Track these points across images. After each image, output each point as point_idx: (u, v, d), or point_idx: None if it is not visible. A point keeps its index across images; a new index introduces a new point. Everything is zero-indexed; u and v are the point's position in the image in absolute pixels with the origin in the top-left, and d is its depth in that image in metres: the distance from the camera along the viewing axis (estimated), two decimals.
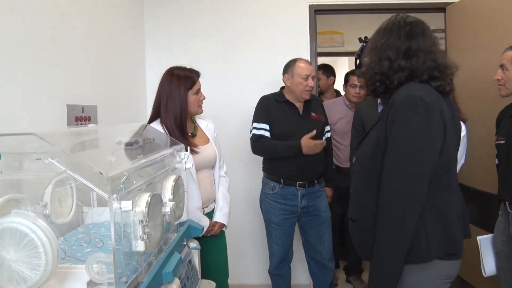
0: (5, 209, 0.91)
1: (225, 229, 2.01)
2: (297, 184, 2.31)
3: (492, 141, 1.91)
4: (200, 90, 1.90)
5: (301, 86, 2.30)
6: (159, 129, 1.81)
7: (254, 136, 2.33)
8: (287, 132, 2.29)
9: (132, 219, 1.02)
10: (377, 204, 1.18)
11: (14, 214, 0.88)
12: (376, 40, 1.28)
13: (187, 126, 1.88)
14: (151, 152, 1.39)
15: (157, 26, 2.99)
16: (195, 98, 1.86)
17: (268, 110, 2.34)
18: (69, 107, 1.83)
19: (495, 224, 1.86)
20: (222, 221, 1.95)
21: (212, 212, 1.96)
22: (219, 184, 1.99)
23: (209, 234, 1.90)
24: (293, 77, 2.32)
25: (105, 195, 0.94)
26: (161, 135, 1.74)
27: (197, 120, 2.00)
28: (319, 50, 3.26)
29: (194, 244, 1.56)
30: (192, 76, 1.86)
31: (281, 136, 2.30)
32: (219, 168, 2.00)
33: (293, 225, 2.41)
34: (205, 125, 2.01)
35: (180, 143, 1.66)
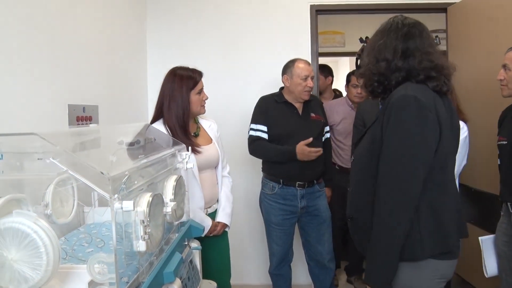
0: (7, 209, 0.91)
1: (228, 229, 2.01)
2: (297, 185, 2.31)
3: (494, 142, 1.90)
4: (203, 90, 1.90)
5: (300, 87, 2.29)
6: (162, 129, 1.81)
7: (251, 138, 2.33)
8: (286, 133, 2.29)
9: (134, 219, 1.02)
10: (374, 202, 1.19)
11: (16, 214, 0.88)
12: (374, 41, 1.29)
13: (190, 126, 1.88)
14: (153, 152, 1.39)
15: (159, 26, 2.99)
16: (198, 98, 1.86)
17: (266, 112, 2.33)
18: (70, 107, 1.83)
19: (497, 225, 1.86)
20: (225, 221, 1.94)
21: (215, 213, 1.96)
22: (222, 184, 1.99)
23: (212, 234, 1.90)
24: (292, 78, 2.31)
25: (107, 195, 0.94)
26: (163, 135, 1.74)
27: (200, 120, 2.00)
28: (320, 50, 3.25)
29: (195, 244, 1.56)
30: (195, 76, 1.86)
31: (280, 137, 2.29)
32: (222, 168, 2.00)
33: (293, 225, 2.41)
34: (208, 125, 2.01)
35: (182, 143, 1.66)
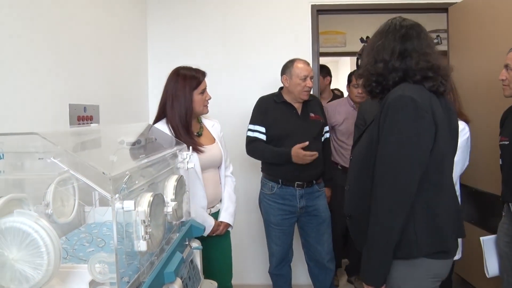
0: (8, 209, 0.91)
1: (231, 229, 2.01)
2: (296, 185, 2.30)
3: (496, 142, 1.90)
4: (206, 90, 1.90)
5: (300, 87, 2.29)
6: (165, 128, 1.82)
7: (248, 138, 2.34)
8: (285, 133, 2.29)
9: (134, 219, 1.02)
10: (371, 201, 1.21)
11: (17, 214, 0.88)
12: (373, 42, 1.31)
13: (193, 126, 1.89)
14: (153, 152, 1.39)
15: (160, 26, 2.99)
16: (201, 98, 1.86)
17: (265, 113, 2.33)
18: (71, 107, 1.83)
19: (498, 225, 1.85)
20: (228, 221, 1.95)
21: (218, 213, 1.97)
22: (225, 184, 1.99)
23: (215, 234, 1.90)
24: (291, 78, 2.31)
25: (108, 195, 0.94)
26: (165, 135, 1.74)
27: (203, 120, 2.00)
28: (321, 50, 3.25)
29: (196, 244, 1.56)
30: (198, 76, 1.86)
31: (279, 137, 2.29)
32: (225, 168, 2.00)
33: (292, 225, 2.40)
34: (211, 125, 2.01)
35: (183, 143, 1.66)
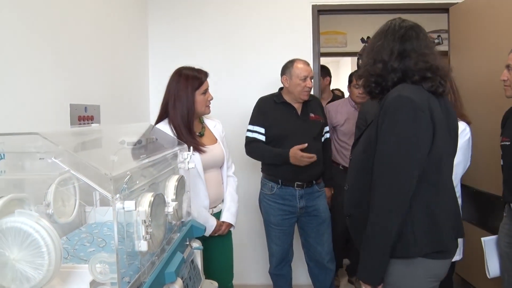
0: (9, 209, 0.91)
1: (233, 229, 2.02)
2: (295, 185, 2.30)
3: (497, 142, 1.89)
4: (208, 91, 1.91)
5: (300, 87, 2.29)
6: (167, 128, 1.82)
7: (247, 139, 2.34)
8: (285, 134, 2.29)
9: (135, 219, 1.02)
10: (369, 201, 1.21)
11: (18, 214, 0.88)
12: (372, 43, 1.32)
13: (195, 126, 1.90)
14: (154, 152, 1.39)
15: (161, 27, 2.99)
16: (203, 98, 1.87)
17: (264, 113, 2.34)
18: (72, 107, 1.83)
19: (500, 226, 1.85)
20: (230, 221, 1.95)
21: (220, 213, 1.97)
22: (227, 184, 2.00)
23: (217, 234, 1.91)
24: (291, 78, 2.31)
25: (108, 195, 0.94)
26: (167, 136, 1.74)
27: (205, 120, 2.01)
28: (322, 51, 3.25)
29: (197, 244, 1.55)
30: (200, 76, 1.87)
31: (279, 138, 2.29)
32: (227, 168, 2.01)
33: (292, 226, 2.40)
34: (213, 125, 2.02)
35: (183, 143, 1.66)
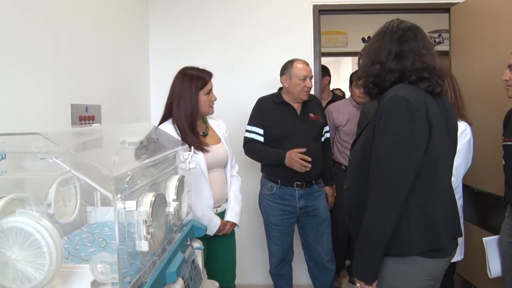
0: (10, 209, 0.91)
1: (237, 229, 2.03)
2: (295, 185, 2.30)
3: (498, 142, 1.89)
4: (212, 91, 1.91)
5: (299, 87, 2.29)
6: (171, 128, 1.83)
7: (246, 139, 2.35)
8: (284, 134, 2.29)
9: (136, 219, 1.02)
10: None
11: (19, 214, 0.88)
12: (371, 44, 1.33)
13: (199, 126, 1.90)
14: (155, 152, 1.39)
15: (161, 27, 2.99)
16: (206, 98, 1.88)
17: (264, 113, 2.34)
18: (73, 107, 1.84)
19: (501, 226, 1.85)
20: (234, 220, 1.96)
21: (224, 212, 1.98)
22: (231, 184, 2.01)
23: (221, 234, 1.92)
24: (291, 78, 2.31)
25: (109, 195, 0.94)
26: (168, 136, 1.74)
27: (209, 120, 2.02)
28: (323, 50, 3.25)
29: (198, 244, 1.55)
30: (204, 77, 1.87)
31: (278, 138, 2.29)
32: (231, 168, 2.02)
33: (292, 225, 2.40)
34: (217, 125, 2.03)
35: (185, 143, 1.67)
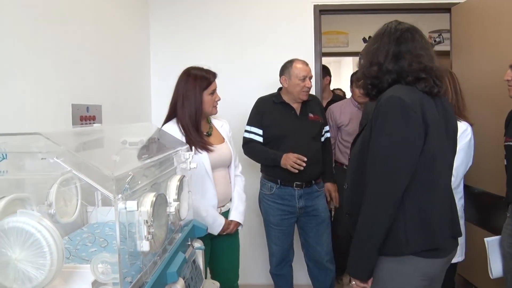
0: (11, 209, 0.91)
1: (241, 228, 2.03)
2: (294, 185, 2.30)
3: (500, 142, 1.88)
4: (216, 91, 1.92)
5: (299, 87, 2.29)
6: (175, 128, 1.84)
7: (244, 139, 2.36)
8: (284, 134, 2.29)
9: (137, 219, 1.02)
10: None
11: (20, 214, 0.88)
12: (369, 46, 1.34)
13: (203, 126, 1.91)
14: (156, 152, 1.39)
15: (162, 27, 2.99)
16: (210, 99, 1.89)
17: (263, 113, 2.34)
18: (74, 107, 1.84)
19: (503, 226, 1.84)
20: (238, 220, 1.97)
21: (228, 212, 1.99)
22: (235, 184, 2.02)
23: (225, 233, 1.93)
24: (290, 78, 2.31)
25: (110, 195, 0.94)
26: (170, 137, 1.74)
27: (212, 120, 2.03)
28: (324, 50, 3.24)
29: (198, 244, 1.55)
30: (209, 77, 1.88)
31: (278, 138, 2.29)
32: (235, 168, 2.03)
33: (292, 225, 2.40)
34: (220, 125, 2.04)
35: (185, 144, 1.67)
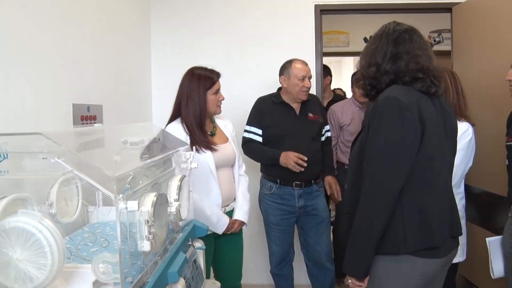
0: (12, 209, 0.91)
1: (245, 227, 2.04)
2: (294, 184, 2.31)
3: (502, 142, 1.88)
4: (220, 91, 1.93)
5: (298, 87, 2.29)
6: (180, 128, 1.85)
7: (244, 139, 2.36)
8: (283, 134, 2.29)
9: (138, 219, 1.02)
10: None
11: (21, 214, 0.88)
12: (367, 47, 1.35)
13: (207, 125, 1.92)
14: (157, 152, 1.39)
15: (163, 26, 2.99)
16: (214, 98, 1.89)
17: (263, 113, 2.34)
18: (75, 106, 1.84)
19: (504, 226, 1.84)
20: (242, 219, 1.97)
21: (233, 211, 1.99)
22: (239, 183, 2.02)
23: (229, 232, 1.93)
24: (290, 78, 2.31)
25: (111, 195, 0.94)
26: (171, 137, 1.74)
27: (216, 120, 2.03)
28: (324, 50, 3.24)
29: (199, 244, 1.55)
30: (212, 77, 1.89)
31: (277, 138, 2.29)
32: (239, 167, 2.03)
33: (292, 225, 2.40)
34: (224, 125, 2.04)
35: (186, 143, 1.67)
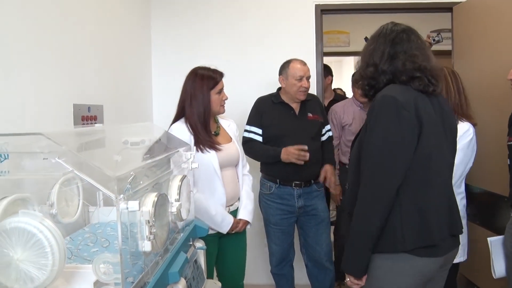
0: (13, 209, 0.91)
1: (249, 227, 2.05)
2: (293, 184, 2.31)
3: (503, 142, 1.88)
4: (223, 90, 1.93)
5: (295, 87, 2.29)
6: (184, 127, 1.86)
7: (244, 139, 2.36)
8: (283, 134, 2.29)
9: (139, 219, 1.02)
10: None
11: (22, 214, 0.88)
12: (365, 47, 1.36)
13: (210, 125, 1.93)
14: (158, 152, 1.39)
15: (164, 27, 2.99)
16: (218, 98, 1.90)
17: (262, 113, 2.34)
18: (76, 107, 1.84)
19: (506, 226, 1.83)
20: (246, 218, 1.98)
21: (237, 211, 2.00)
22: (243, 183, 2.03)
23: (233, 231, 1.94)
24: (287, 79, 2.31)
25: (112, 195, 0.94)
26: (172, 137, 1.74)
27: (220, 120, 2.04)
28: (325, 50, 3.24)
29: (200, 244, 1.56)
30: (215, 76, 1.90)
31: (277, 138, 2.29)
32: (242, 167, 2.04)
33: (292, 225, 2.40)
34: (227, 125, 2.05)
35: (187, 144, 1.67)
